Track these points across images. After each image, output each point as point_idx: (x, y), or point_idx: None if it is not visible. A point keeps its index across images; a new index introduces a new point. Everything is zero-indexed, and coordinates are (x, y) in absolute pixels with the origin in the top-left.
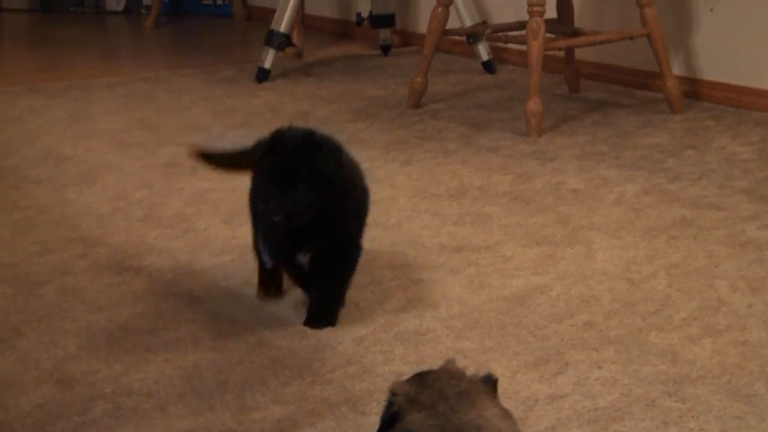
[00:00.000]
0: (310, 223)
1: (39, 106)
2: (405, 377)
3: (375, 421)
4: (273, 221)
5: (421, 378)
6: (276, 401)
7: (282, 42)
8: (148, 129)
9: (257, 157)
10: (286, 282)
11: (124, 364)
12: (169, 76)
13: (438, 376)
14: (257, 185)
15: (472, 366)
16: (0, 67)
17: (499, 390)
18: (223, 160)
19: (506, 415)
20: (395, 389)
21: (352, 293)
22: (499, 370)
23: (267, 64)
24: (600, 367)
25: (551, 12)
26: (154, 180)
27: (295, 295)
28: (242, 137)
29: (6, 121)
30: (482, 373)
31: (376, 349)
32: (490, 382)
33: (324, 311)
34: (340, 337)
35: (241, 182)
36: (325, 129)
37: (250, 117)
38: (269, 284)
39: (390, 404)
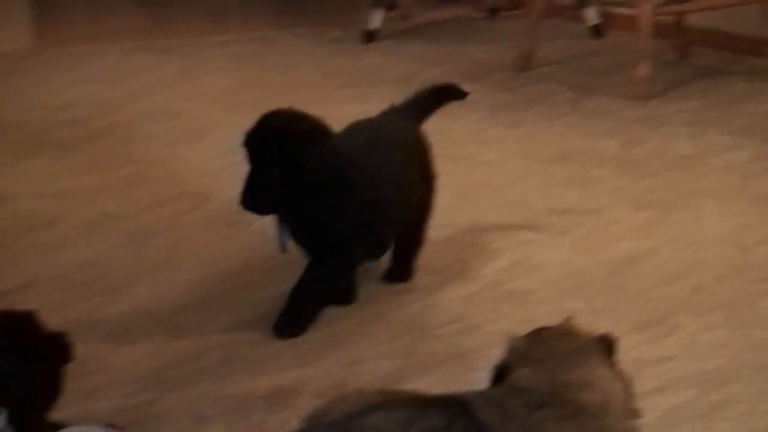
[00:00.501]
0: (296, 212)
1: (150, 64)
2: (514, 334)
3: (483, 377)
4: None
5: (536, 334)
6: (384, 355)
7: (389, 2)
8: (257, 88)
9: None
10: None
11: (235, 315)
12: (278, 35)
13: (552, 333)
14: None
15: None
16: (113, 25)
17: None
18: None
19: (617, 376)
20: (511, 343)
21: (460, 252)
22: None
23: (374, 25)
24: (709, 331)
25: None
26: None
27: None
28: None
29: (118, 78)
30: (599, 332)
31: (484, 307)
32: (605, 342)
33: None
34: (448, 295)
35: None
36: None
37: (357, 78)
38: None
39: (502, 358)
